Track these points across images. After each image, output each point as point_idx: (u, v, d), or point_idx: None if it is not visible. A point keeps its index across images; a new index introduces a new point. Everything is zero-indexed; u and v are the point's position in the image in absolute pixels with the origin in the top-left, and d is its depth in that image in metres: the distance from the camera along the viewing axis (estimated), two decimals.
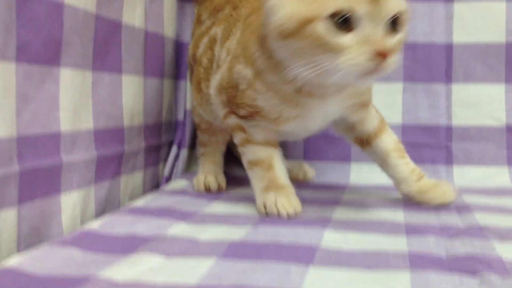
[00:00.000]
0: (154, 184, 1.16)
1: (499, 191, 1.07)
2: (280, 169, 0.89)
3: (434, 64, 1.22)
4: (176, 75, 1.27)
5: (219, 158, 1.13)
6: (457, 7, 1.21)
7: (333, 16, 0.68)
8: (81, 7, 0.81)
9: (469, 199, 0.98)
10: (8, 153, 0.68)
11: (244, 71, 0.84)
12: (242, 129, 0.90)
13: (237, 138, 0.92)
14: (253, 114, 0.87)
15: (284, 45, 0.73)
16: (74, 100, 0.82)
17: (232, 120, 0.91)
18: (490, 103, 1.20)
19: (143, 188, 1.09)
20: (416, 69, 1.23)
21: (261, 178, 0.88)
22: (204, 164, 1.11)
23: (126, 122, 0.99)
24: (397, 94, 1.23)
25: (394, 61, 0.70)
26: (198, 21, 1.13)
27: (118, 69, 0.95)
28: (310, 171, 1.19)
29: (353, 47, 0.68)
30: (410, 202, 0.93)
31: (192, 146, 1.25)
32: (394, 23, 0.72)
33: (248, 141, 0.90)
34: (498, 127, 1.19)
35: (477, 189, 1.09)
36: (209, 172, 1.08)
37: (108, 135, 0.93)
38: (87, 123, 0.86)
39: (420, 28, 1.22)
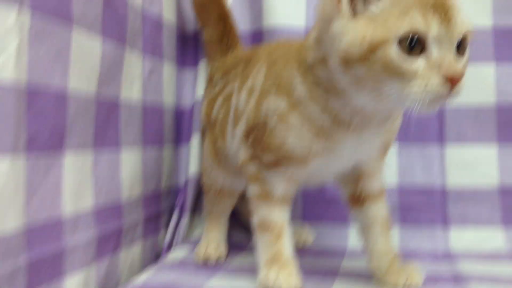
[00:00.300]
0: (155, 253, 1.17)
1: (494, 256, 1.08)
2: (287, 240, 0.88)
3: (428, 126, 1.25)
4: (177, 141, 1.29)
5: (224, 221, 1.13)
6: None
7: (404, 39, 0.66)
8: (83, 91, 0.84)
9: (465, 266, 1.00)
10: (18, 245, 0.69)
11: (276, 103, 0.82)
12: (261, 181, 0.89)
13: (253, 191, 0.90)
14: (278, 162, 0.85)
15: (348, 71, 0.71)
16: (76, 182, 0.84)
17: (252, 168, 0.89)
18: (484, 163, 1.22)
19: (142, 258, 1.10)
20: (410, 131, 1.25)
21: (268, 248, 0.88)
22: (208, 228, 1.12)
23: (124, 196, 1.01)
24: (392, 156, 1.25)
25: (463, 85, 0.68)
26: (211, 82, 1.16)
27: (117, 144, 0.98)
28: (310, 236, 1.20)
29: (424, 72, 0.67)
30: None
31: (194, 211, 1.27)
32: (459, 45, 0.70)
33: (265, 197, 0.88)
34: (492, 188, 1.21)
35: (473, 253, 1.11)
36: (211, 240, 1.09)
37: (107, 211, 0.94)
38: (88, 203, 0.88)
39: None
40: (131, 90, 1.02)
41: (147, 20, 1.09)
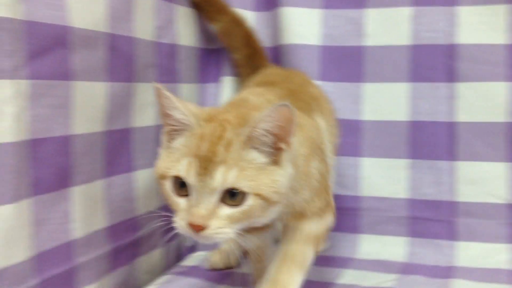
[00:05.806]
0: (178, 254, 1.31)
1: (498, 272, 1.16)
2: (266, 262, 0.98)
3: (438, 142, 1.29)
4: None
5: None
6: (459, 87, 1.27)
7: (175, 178, 0.76)
8: (88, 132, 0.95)
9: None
10: (28, 271, 0.82)
11: None
12: None
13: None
14: None
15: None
16: (86, 209, 0.96)
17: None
18: (492, 181, 1.25)
19: (164, 261, 1.23)
20: (420, 147, 1.30)
21: (251, 268, 1.00)
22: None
23: (140, 211, 1.13)
24: (403, 170, 1.31)
25: (217, 232, 0.73)
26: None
27: (130, 169, 1.09)
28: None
29: (182, 210, 0.75)
30: None
31: None
32: (233, 195, 0.74)
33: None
34: (500, 205, 1.24)
35: (476, 269, 1.17)
36: (224, 250, 1.21)
37: (121, 227, 1.07)
38: (100, 224, 1.01)
39: (424, 107, 1.29)
40: (144, 116, 1.13)
41: (160, 51, 1.19)
